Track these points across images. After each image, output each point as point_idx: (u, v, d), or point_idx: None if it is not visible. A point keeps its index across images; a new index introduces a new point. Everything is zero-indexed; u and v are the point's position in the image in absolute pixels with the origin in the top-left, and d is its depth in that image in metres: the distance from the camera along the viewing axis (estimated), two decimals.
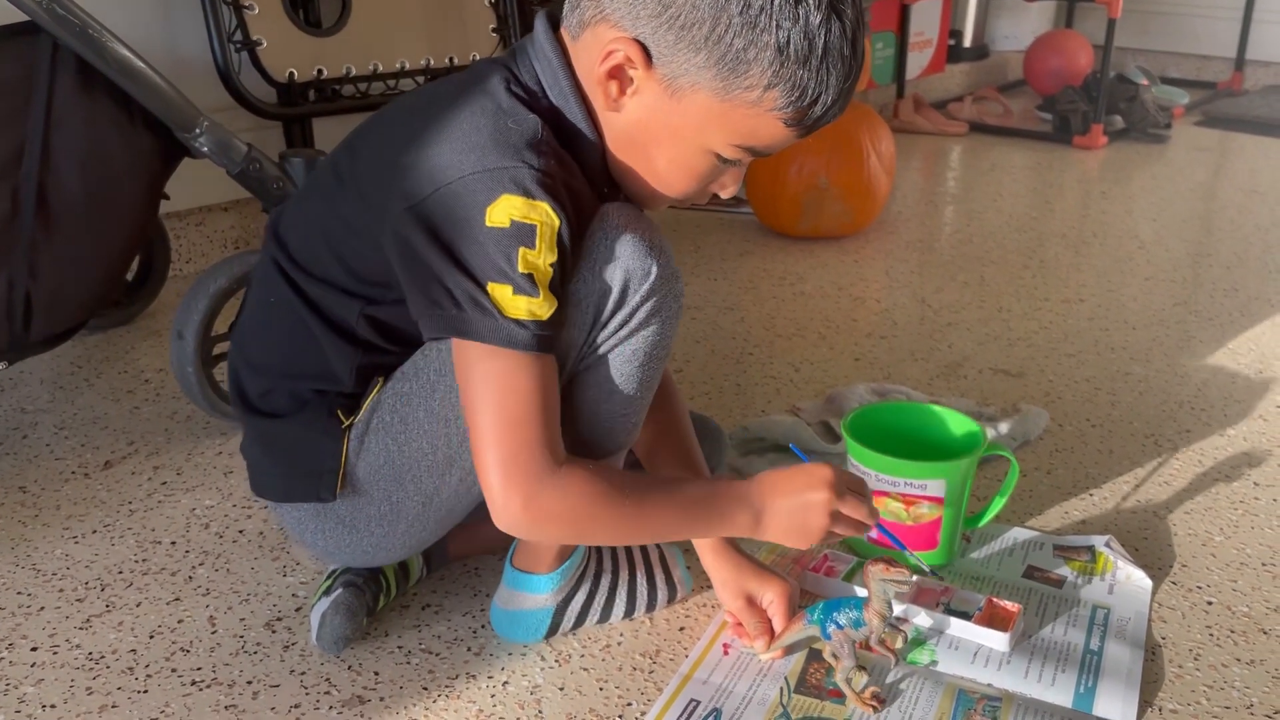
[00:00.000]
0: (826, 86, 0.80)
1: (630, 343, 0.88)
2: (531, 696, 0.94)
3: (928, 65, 3.56)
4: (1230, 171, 2.85)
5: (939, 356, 1.66)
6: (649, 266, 0.86)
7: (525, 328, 0.80)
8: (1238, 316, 1.83)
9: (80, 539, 1.18)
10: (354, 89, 1.89)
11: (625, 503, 0.85)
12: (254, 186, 1.40)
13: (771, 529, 0.90)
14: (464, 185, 0.79)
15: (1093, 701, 0.92)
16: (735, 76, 0.79)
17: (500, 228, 0.78)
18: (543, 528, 0.85)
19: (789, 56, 0.77)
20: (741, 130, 0.83)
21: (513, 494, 0.81)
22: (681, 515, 0.89)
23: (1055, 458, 1.35)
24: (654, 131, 0.84)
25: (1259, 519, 1.22)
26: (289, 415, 0.94)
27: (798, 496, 0.89)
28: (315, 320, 0.90)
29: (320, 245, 0.90)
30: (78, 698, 0.94)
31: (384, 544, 0.95)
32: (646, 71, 0.81)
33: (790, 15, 0.76)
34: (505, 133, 0.80)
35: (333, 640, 0.98)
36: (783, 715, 0.92)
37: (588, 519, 0.85)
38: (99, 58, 1.26)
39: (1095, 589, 1.07)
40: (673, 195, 0.89)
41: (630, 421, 0.92)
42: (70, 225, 1.29)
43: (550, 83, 0.85)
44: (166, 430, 1.41)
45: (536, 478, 0.81)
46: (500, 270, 0.79)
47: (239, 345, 0.98)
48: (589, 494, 0.83)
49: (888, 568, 0.93)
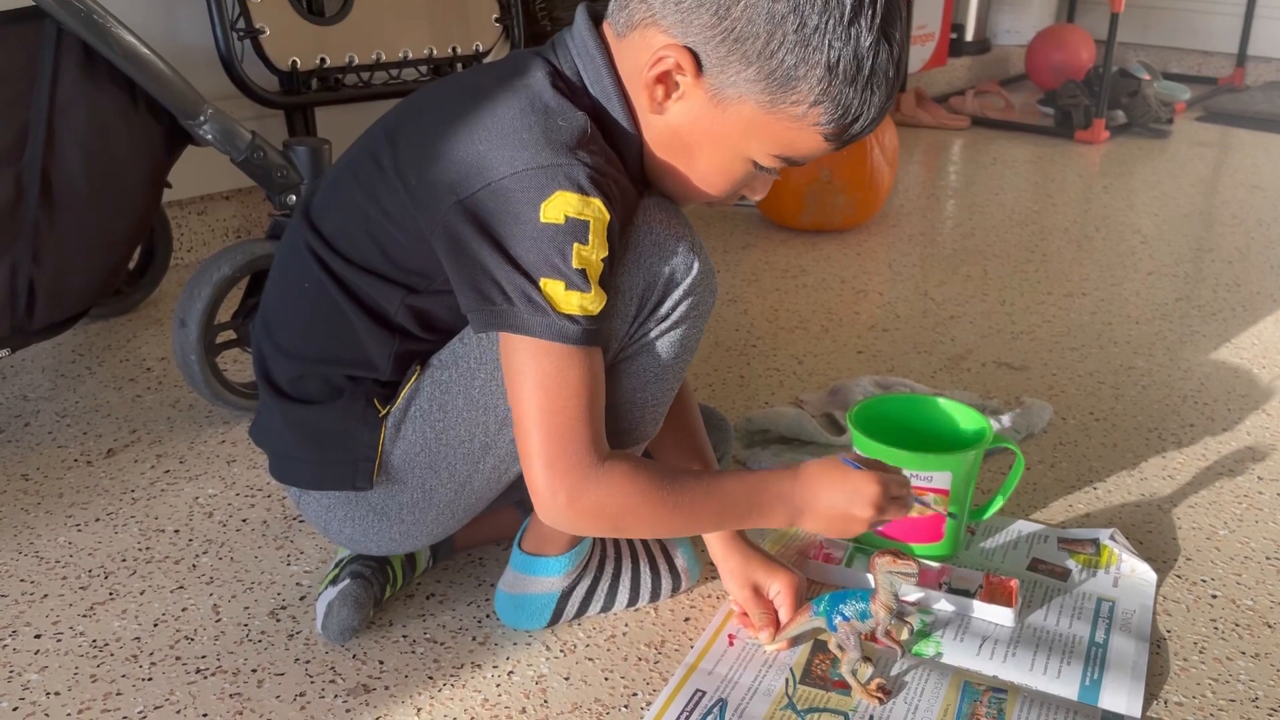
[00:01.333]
0: (869, 105, 0.81)
1: (669, 335, 0.90)
2: (537, 686, 0.94)
3: (930, 59, 3.55)
4: (1231, 167, 2.85)
5: (942, 350, 1.66)
6: (691, 263, 0.87)
7: (577, 323, 0.80)
8: (1240, 311, 1.83)
9: (83, 527, 1.17)
10: (357, 78, 1.88)
11: (666, 499, 0.86)
12: (258, 174, 1.39)
13: (810, 525, 0.92)
14: (517, 181, 0.79)
15: (1098, 694, 0.92)
16: (784, 92, 0.80)
17: (555, 224, 0.78)
18: (585, 521, 0.86)
19: (838, 76, 0.79)
20: (782, 141, 0.84)
21: (558, 488, 0.82)
22: (720, 511, 0.90)
23: (1059, 451, 1.35)
24: (696, 136, 0.85)
25: (1263, 513, 1.22)
26: (323, 402, 0.93)
27: (841, 506, 0.90)
28: (353, 307, 0.90)
29: (359, 233, 0.89)
30: (82, 685, 0.94)
31: (413, 531, 0.95)
32: (695, 79, 0.81)
33: (843, 36, 0.77)
34: (556, 130, 0.80)
35: (339, 631, 0.98)
36: (788, 706, 0.92)
37: (629, 514, 0.85)
38: (104, 43, 1.26)
39: (1100, 582, 1.07)
40: (704, 197, 0.90)
41: (659, 412, 0.94)
42: (74, 212, 1.28)
43: (593, 79, 0.85)
44: (169, 419, 1.41)
45: (581, 473, 0.82)
46: (554, 266, 0.79)
47: (266, 330, 0.96)
48: (632, 490, 0.84)
49: (895, 559, 0.93)
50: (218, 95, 1.51)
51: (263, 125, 1.70)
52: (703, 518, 0.90)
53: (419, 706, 0.92)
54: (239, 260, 1.34)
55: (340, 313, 0.90)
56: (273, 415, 0.96)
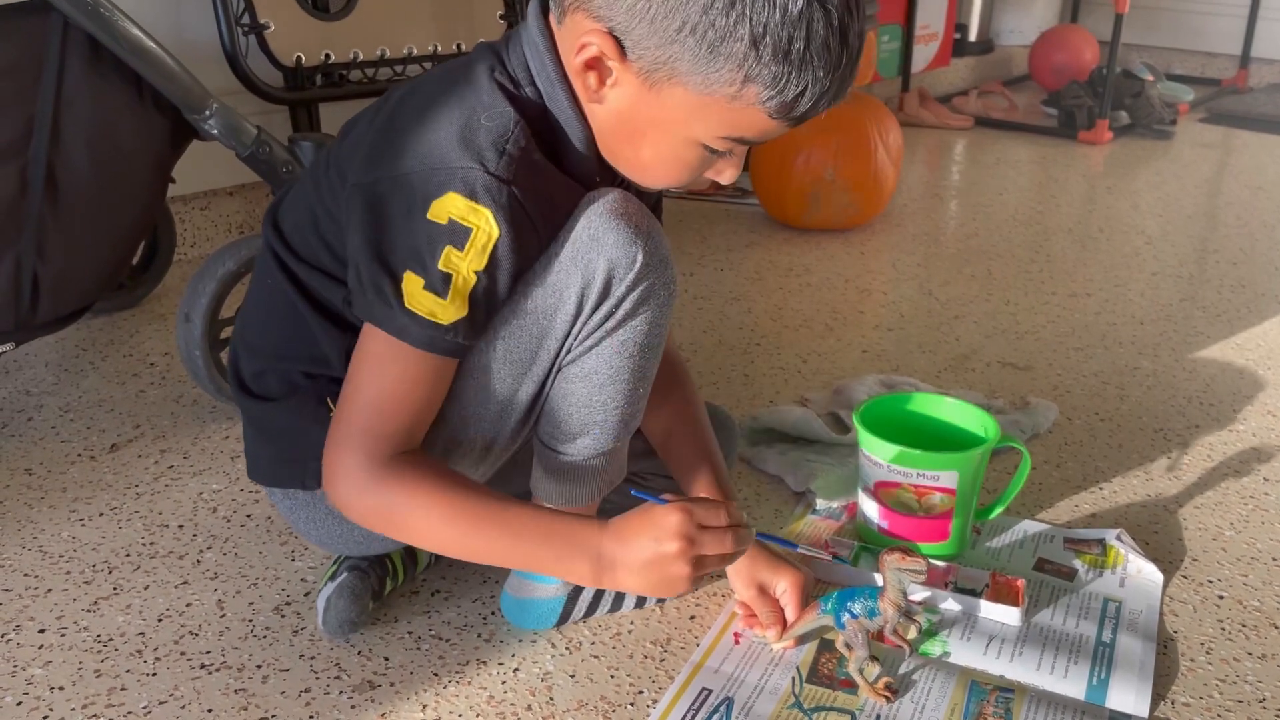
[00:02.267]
0: (811, 80, 0.75)
1: (619, 334, 0.86)
2: (542, 683, 0.94)
3: (933, 59, 3.55)
4: (1235, 168, 2.85)
5: (946, 349, 1.66)
6: (634, 254, 0.83)
7: (420, 325, 0.79)
8: (1245, 312, 1.83)
9: (87, 521, 1.17)
10: (361, 74, 1.87)
11: (452, 513, 0.83)
12: (263, 170, 1.39)
13: (627, 585, 0.84)
14: (419, 178, 0.78)
15: (1106, 694, 0.92)
16: (711, 70, 0.75)
17: (436, 223, 0.78)
18: (364, 517, 0.84)
19: (765, 49, 0.73)
20: (726, 122, 0.79)
21: (344, 474, 0.82)
22: (512, 544, 0.84)
23: (1064, 451, 1.35)
24: (637, 123, 0.82)
25: (1269, 514, 1.22)
26: (280, 399, 0.94)
27: (648, 550, 0.81)
28: (305, 304, 0.91)
29: (309, 230, 0.90)
30: (86, 680, 0.94)
31: (376, 535, 0.92)
32: (622, 64, 0.77)
33: (766, 5, 0.72)
34: (474, 130, 0.78)
35: (338, 624, 0.97)
36: (795, 705, 0.91)
37: (411, 514, 0.83)
38: (110, 37, 1.25)
39: (1106, 582, 1.07)
40: (662, 185, 0.87)
41: (624, 414, 0.91)
42: (79, 206, 1.28)
43: (538, 70, 0.83)
44: (173, 414, 1.41)
45: (372, 466, 0.81)
46: (420, 262, 0.78)
47: (240, 328, 0.99)
48: (416, 493, 0.82)
49: (903, 557, 0.93)
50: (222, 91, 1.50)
51: (267, 121, 1.70)
52: (495, 548, 0.85)
53: (424, 703, 0.92)
54: (243, 255, 1.34)
55: (295, 309, 0.91)
56: (240, 412, 0.98)
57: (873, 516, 1.11)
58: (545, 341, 0.86)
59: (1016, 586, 1.03)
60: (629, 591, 0.89)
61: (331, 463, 0.83)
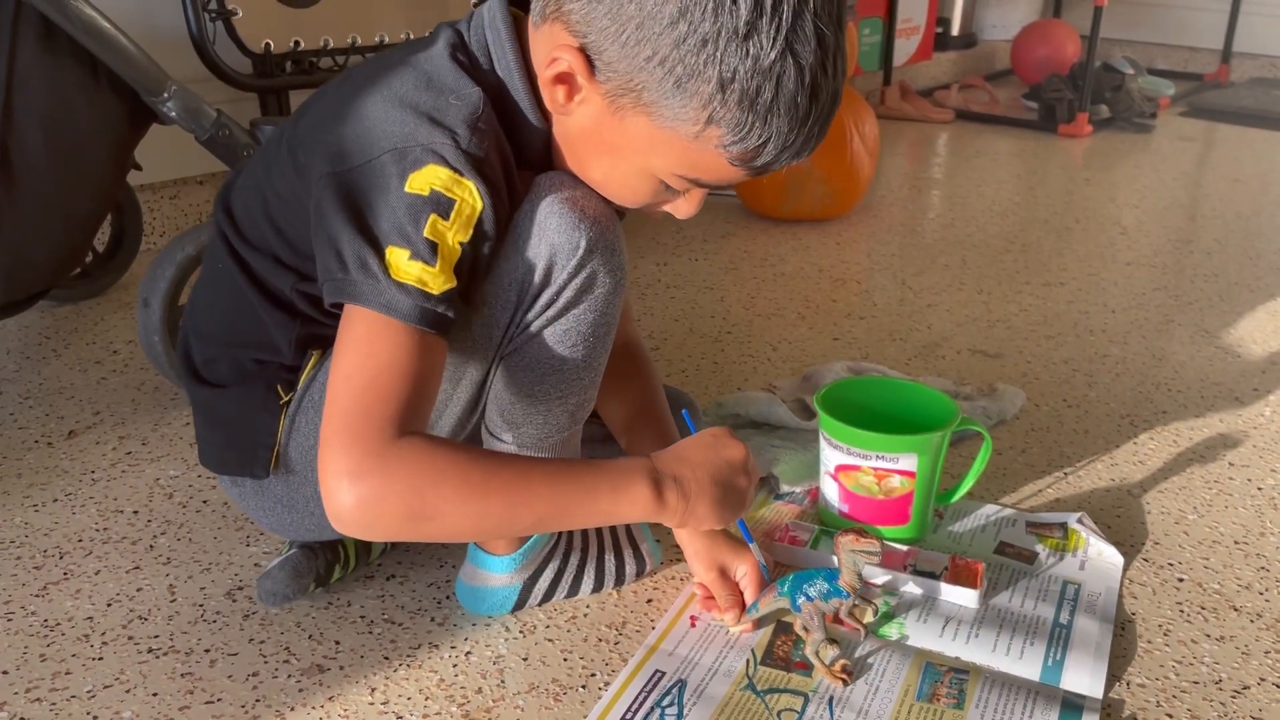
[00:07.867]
0: (775, 132, 0.73)
1: (562, 322, 0.84)
2: (494, 666, 0.93)
3: (915, 53, 3.55)
4: (1214, 161, 2.85)
5: (917, 337, 1.65)
6: (577, 240, 0.81)
7: (408, 295, 0.74)
8: (1217, 301, 1.82)
9: (40, 507, 1.16)
10: (331, 61, 1.86)
11: (473, 476, 0.75)
12: (223, 153, 1.38)
13: (698, 505, 0.82)
14: (393, 157, 0.76)
15: (1060, 674, 0.91)
16: (675, 105, 0.73)
17: (418, 194, 0.75)
18: (376, 515, 0.73)
19: (731, 95, 0.71)
20: (685, 160, 0.78)
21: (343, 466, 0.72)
22: (562, 489, 0.78)
23: (1030, 437, 1.35)
24: (594, 144, 0.80)
25: (1233, 498, 1.21)
26: (229, 386, 0.92)
27: (714, 461, 0.82)
28: (254, 291, 0.89)
29: (259, 214, 0.88)
30: (30, 664, 0.92)
31: (325, 523, 0.91)
32: (590, 83, 0.76)
33: (737, 51, 0.70)
34: (445, 108, 0.77)
35: (269, 593, 0.97)
36: (748, 687, 0.90)
37: (428, 490, 0.73)
38: (63, 17, 1.24)
39: (1067, 565, 1.07)
40: (618, 204, 0.86)
41: (571, 402, 0.89)
42: (33, 188, 1.26)
43: (498, 54, 0.82)
44: (133, 401, 1.39)
45: (368, 448, 0.72)
46: (404, 234, 0.74)
47: (190, 313, 0.97)
48: (429, 464, 0.73)
49: (858, 539, 0.92)
50: (190, 78, 1.49)
51: (237, 108, 1.69)
52: (531, 500, 0.77)
53: (373, 686, 0.91)
54: (203, 240, 1.32)
55: (244, 294, 0.89)
56: (190, 399, 0.96)
57: (833, 500, 1.10)
58: (489, 330, 0.85)
59: (975, 569, 1.02)
60: (698, 518, 0.84)
61: (332, 472, 0.72)
